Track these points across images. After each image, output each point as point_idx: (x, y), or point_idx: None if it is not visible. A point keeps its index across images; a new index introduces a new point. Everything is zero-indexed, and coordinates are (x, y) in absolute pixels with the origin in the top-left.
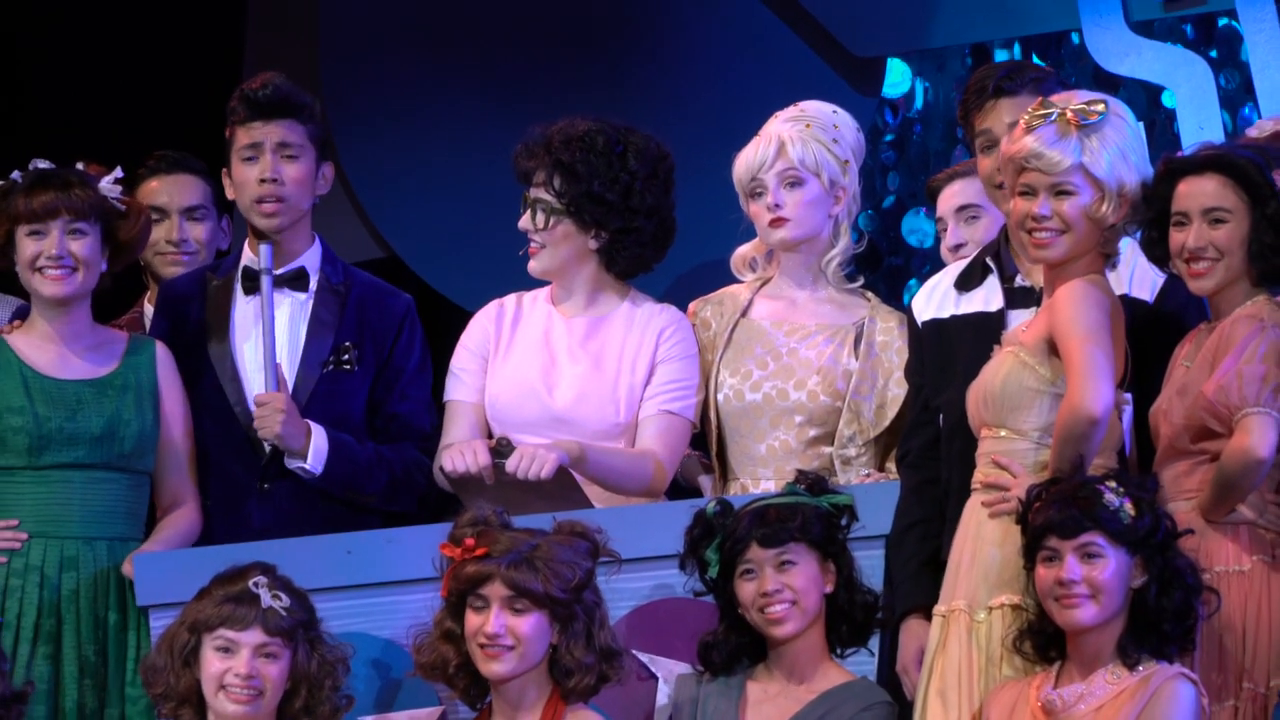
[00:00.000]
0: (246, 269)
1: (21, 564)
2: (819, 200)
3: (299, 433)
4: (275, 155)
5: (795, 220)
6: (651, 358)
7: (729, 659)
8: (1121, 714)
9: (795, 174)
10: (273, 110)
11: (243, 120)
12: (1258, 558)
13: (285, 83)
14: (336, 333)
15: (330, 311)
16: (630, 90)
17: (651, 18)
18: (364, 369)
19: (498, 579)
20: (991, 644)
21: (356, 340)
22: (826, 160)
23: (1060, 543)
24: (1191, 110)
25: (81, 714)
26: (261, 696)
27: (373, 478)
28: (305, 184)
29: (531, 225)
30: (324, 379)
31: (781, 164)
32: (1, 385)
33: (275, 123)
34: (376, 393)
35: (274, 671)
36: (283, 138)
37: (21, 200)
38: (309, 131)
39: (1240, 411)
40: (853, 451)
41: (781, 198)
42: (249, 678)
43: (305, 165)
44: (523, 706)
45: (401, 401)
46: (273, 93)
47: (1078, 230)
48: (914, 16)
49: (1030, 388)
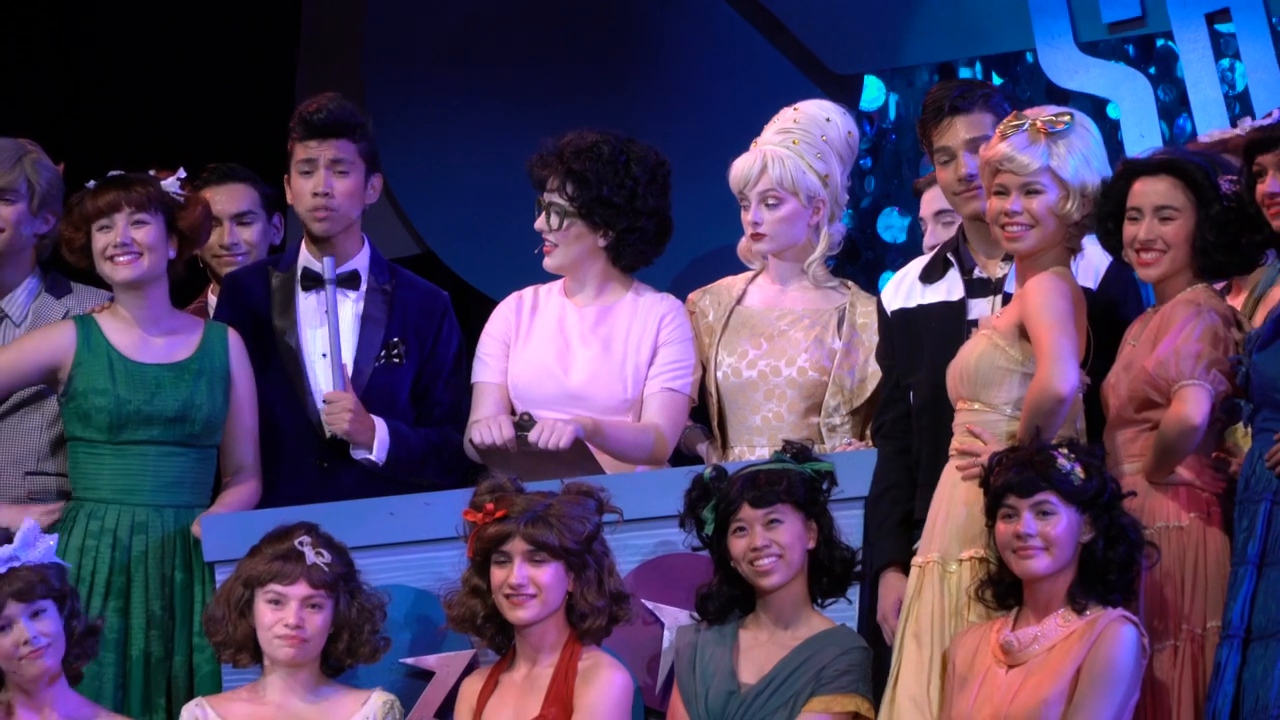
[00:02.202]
0: (307, 270)
1: (97, 527)
2: (796, 215)
3: (365, 427)
4: (328, 171)
5: (771, 236)
6: (654, 341)
7: (723, 609)
8: (1071, 653)
9: (774, 194)
10: (326, 130)
11: (301, 138)
12: (1194, 515)
13: (340, 105)
14: (386, 329)
15: (379, 309)
16: (633, 103)
17: (652, 40)
18: (410, 361)
19: (518, 536)
20: (961, 592)
21: (401, 335)
22: (805, 179)
23: (1018, 501)
24: (1133, 120)
25: (147, 662)
26: (308, 642)
27: (425, 463)
28: (354, 196)
29: (546, 226)
30: (377, 371)
31: (763, 184)
32: (90, 366)
33: (329, 141)
34: (421, 381)
35: (319, 620)
36: (335, 155)
37: (90, 201)
38: (359, 149)
39: (1177, 384)
40: (837, 420)
41: (760, 216)
42: (297, 626)
43: (355, 179)
44: (544, 648)
45: (445, 390)
46: (326, 116)
47: (1045, 225)
48: (887, 38)
49: (1001, 367)
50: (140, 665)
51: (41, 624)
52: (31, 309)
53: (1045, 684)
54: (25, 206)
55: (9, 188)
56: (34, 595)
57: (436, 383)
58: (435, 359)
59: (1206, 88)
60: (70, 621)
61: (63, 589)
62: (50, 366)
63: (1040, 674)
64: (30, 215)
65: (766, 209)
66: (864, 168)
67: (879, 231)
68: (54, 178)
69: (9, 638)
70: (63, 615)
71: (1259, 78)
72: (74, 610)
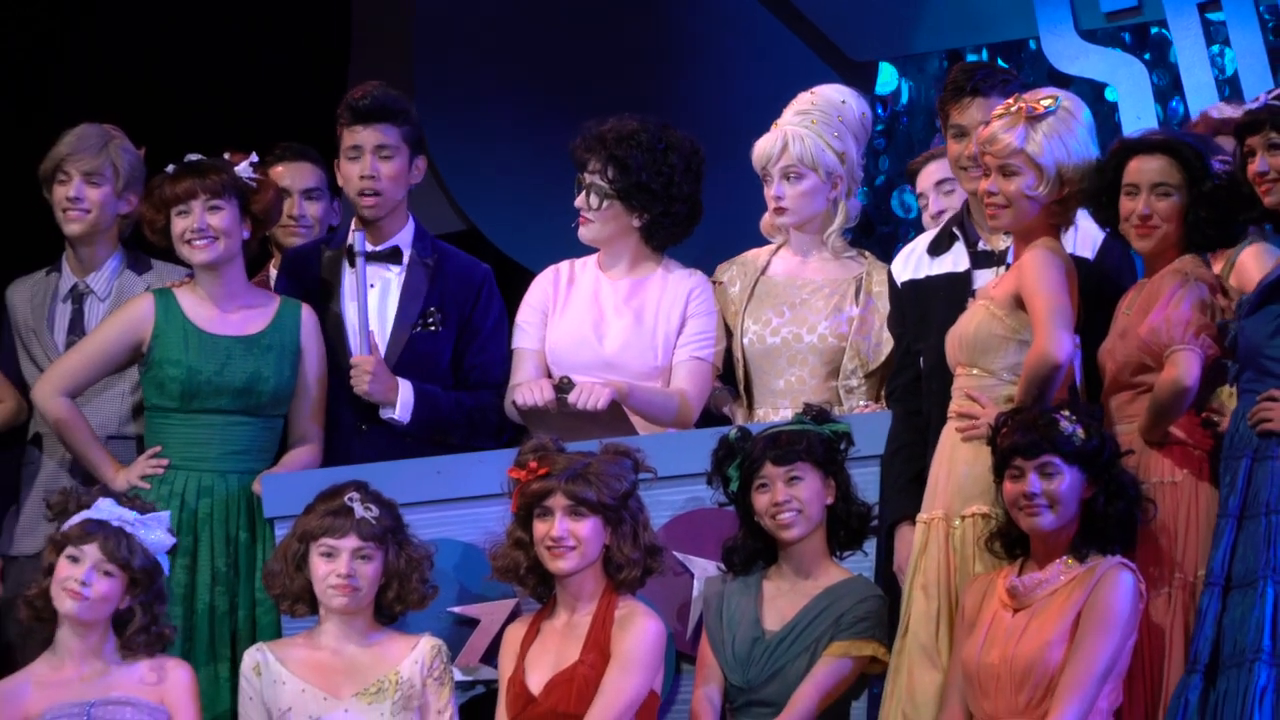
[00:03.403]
0: (351, 247)
1: (166, 490)
2: (816, 190)
3: (385, 388)
4: (374, 155)
5: (793, 209)
6: (683, 313)
7: (747, 560)
8: (1073, 598)
9: (795, 170)
10: (370, 116)
11: (347, 124)
12: (1187, 472)
13: (384, 92)
14: (425, 299)
15: (419, 282)
16: (662, 89)
17: (680, 30)
18: (447, 329)
19: (559, 492)
20: (965, 546)
21: (440, 305)
22: (823, 155)
23: (1024, 462)
24: (1130, 103)
25: (212, 615)
26: (359, 591)
27: (454, 423)
28: (399, 179)
29: (586, 204)
30: (413, 339)
31: (784, 161)
32: (167, 337)
33: (373, 127)
34: (459, 348)
35: (369, 570)
36: (379, 140)
37: (168, 187)
38: (403, 133)
39: (1169, 349)
40: (854, 383)
41: (782, 190)
42: (348, 576)
43: (399, 163)
44: (583, 597)
45: (479, 354)
46: (371, 102)
47: (1017, 205)
48: (900, 27)
49: (998, 335)
50: (205, 617)
51: (100, 582)
52: (115, 285)
53: (1049, 626)
54: (110, 189)
55: (96, 171)
56: (114, 557)
57: (471, 349)
58: (472, 326)
59: (1198, 72)
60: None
61: (141, 576)
62: (135, 343)
63: (1044, 616)
64: (115, 197)
65: (788, 184)
66: (878, 148)
67: (893, 207)
68: (136, 161)
69: (68, 569)
70: (126, 592)
71: (1248, 63)
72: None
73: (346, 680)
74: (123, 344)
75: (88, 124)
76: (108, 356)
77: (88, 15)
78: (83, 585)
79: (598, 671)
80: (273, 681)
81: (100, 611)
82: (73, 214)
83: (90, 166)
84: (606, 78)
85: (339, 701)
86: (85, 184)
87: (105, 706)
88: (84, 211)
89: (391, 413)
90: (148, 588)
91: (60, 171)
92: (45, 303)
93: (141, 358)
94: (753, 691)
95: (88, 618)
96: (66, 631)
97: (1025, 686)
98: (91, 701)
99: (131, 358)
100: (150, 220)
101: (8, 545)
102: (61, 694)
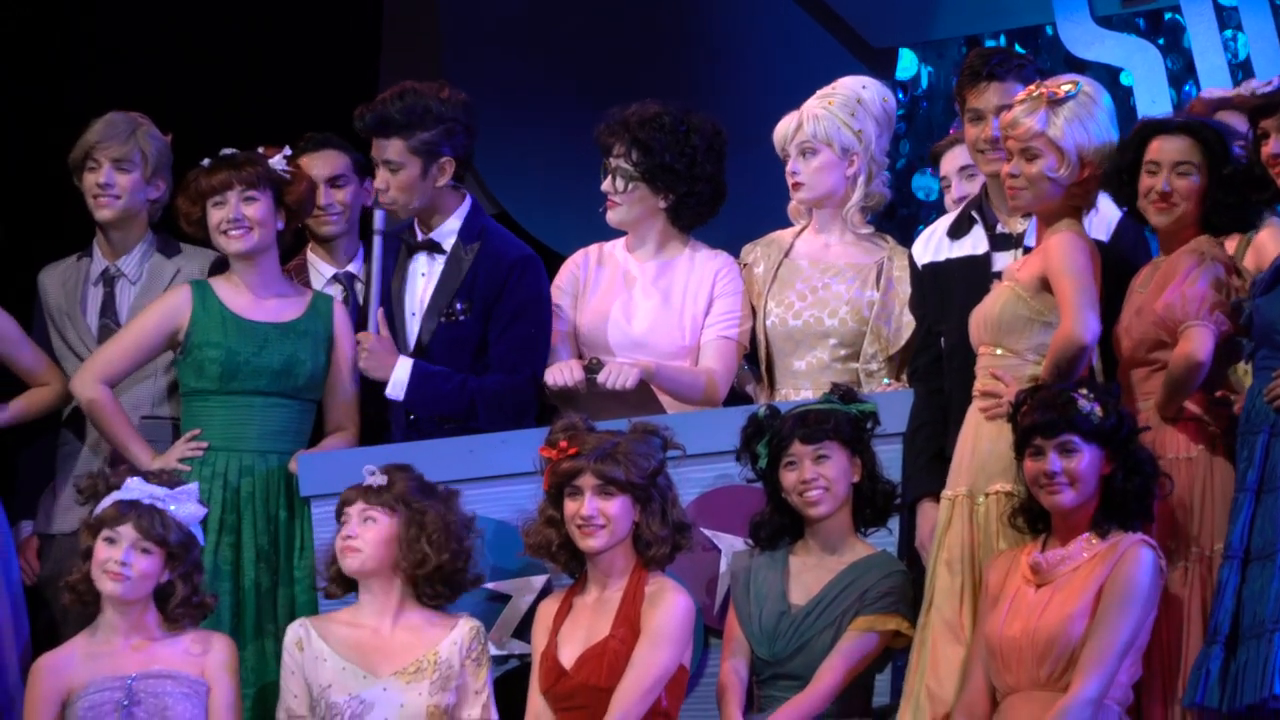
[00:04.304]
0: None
1: (209, 471)
2: (830, 165)
3: (381, 365)
4: (383, 168)
5: (808, 184)
6: (709, 293)
7: (774, 536)
8: (1094, 574)
9: (809, 145)
10: (371, 132)
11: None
12: (1202, 447)
13: (388, 106)
14: (454, 292)
15: (453, 274)
16: (688, 77)
17: (705, 18)
18: (474, 317)
19: (589, 471)
20: (989, 522)
21: (469, 296)
22: (838, 131)
23: (1044, 441)
24: (1145, 87)
25: (258, 591)
26: (360, 552)
27: (454, 403)
28: (408, 188)
29: (612, 188)
30: (439, 328)
31: (799, 138)
32: (205, 323)
33: (379, 141)
34: (486, 333)
35: (370, 533)
36: (385, 155)
37: (204, 179)
38: (409, 145)
39: (1184, 325)
40: (874, 366)
41: (797, 166)
42: (348, 537)
43: (408, 173)
44: (613, 574)
45: (499, 340)
46: (370, 119)
47: (1039, 187)
48: (920, 13)
49: (1022, 316)
50: (252, 594)
51: (139, 560)
52: (146, 268)
53: (1070, 601)
54: (139, 174)
55: (124, 158)
56: (150, 535)
57: (494, 333)
58: (495, 312)
59: (1212, 57)
60: (175, 581)
61: (179, 550)
62: (172, 331)
63: (1066, 592)
64: (143, 182)
65: (803, 160)
66: (898, 132)
67: (913, 191)
68: (163, 147)
69: (106, 552)
70: (166, 568)
71: (1259, 47)
72: (185, 575)
73: (385, 659)
74: (160, 332)
75: (115, 112)
76: (145, 346)
77: (118, 8)
78: (122, 566)
79: (628, 646)
80: (314, 658)
81: (142, 589)
82: (103, 200)
83: (119, 153)
84: (633, 65)
85: (378, 680)
86: (114, 170)
87: (146, 680)
88: (114, 197)
89: (388, 391)
90: (185, 560)
91: (90, 159)
92: (77, 287)
93: (178, 345)
94: (779, 665)
95: (131, 597)
96: (110, 611)
97: (1047, 659)
98: (133, 675)
99: (168, 346)
100: (186, 212)
101: (45, 524)
102: (104, 667)
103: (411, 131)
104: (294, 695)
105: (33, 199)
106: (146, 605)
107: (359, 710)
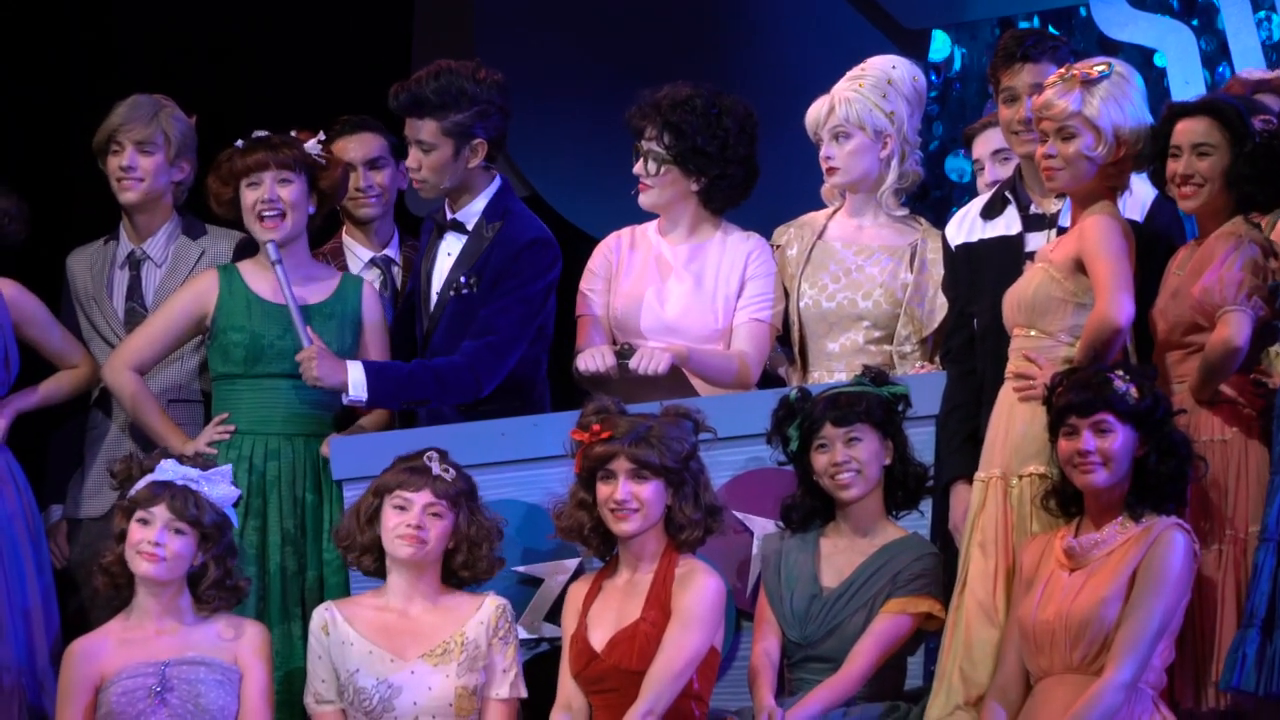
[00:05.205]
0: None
1: (235, 454)
2: (864, 149)
3: (333, 371)
4: (415, 148)
5: (843, 169)
6: (742, 275)
7: (805, 518)
8: (1128, 557)
9: (842, 129)
10: (405, 112)
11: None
12: (1236, 430)
13: (423, 86)
14: (469, 268)
15: (471, 251)
16: (721, 60)
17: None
18: (479, 292)
19: (622, 455)
20: (1023, 505)
21: (480, 272)
22: (870, 114)
23: (1079, 420)
24: (1178, 69)
25: (284, 574)
26: (425, 545)
27: (417, 386)
28: (440, 169)
29: (644, 171)
30: (452, 301)
31: (831, 122)
32: (231, 307)
33: (411, 121)
34: None
35: (438, 527)
36: (417, 135)
37: (239, 160)
38: (441, 126)
39: (1221, 309)
40: (908, 348)
41: (831, 151)
42: (418, 527)
43: (439, 154)
44: (644, 557)
45: (487, 310)
46: (404, 99)
47: (1076, 166)
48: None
49: (1056, 297)
50: (278, 577)
51: (173, 541)
52: (171, 251)
53: (1104, 585)
54: (163, 157)
55: (148, 140)
56: (184, 515)
57: (486, 303)
58: (498, 286)
59: (1245, 38)
60: (208, 563)
61: (212, 531)
62: (199, 316)
63: (1100, 576)
64: (167, 165)
65: (836, 144)
66: (931, 114)
67: (946, 172)
68: (187, 130)
69: (140, 533)
70: (199, 549)
71: None
72: (218, 558)
73: (413, 642)
74: (188, 317)
75: (139, 94)
76: (173, 331)
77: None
78: (156, 546)
79: (659, 629)
80: (340, 642)
81: (176, 570)
82: (127, 183)
83: (142, 136)
84: (664, 48)
85: (405, 663)
86: (138, 153)
87: (180, 666)
88: (138, 180)
89: (349, 396)
90: (218, 542)
91: (114, 142)
92: (104, 270)
93: (206, 330)
94: (810, 647)
95: (165, 578)
96: (143, 594)
97: (1080, 643)
98: (167, 661)
99: (196, 331)
100: (218, 193)
101: (74, 509)
102: (138, 653)
103: (445, 113)
104: (321, 680)
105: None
106: (180, 588)
107: (387, 694)
